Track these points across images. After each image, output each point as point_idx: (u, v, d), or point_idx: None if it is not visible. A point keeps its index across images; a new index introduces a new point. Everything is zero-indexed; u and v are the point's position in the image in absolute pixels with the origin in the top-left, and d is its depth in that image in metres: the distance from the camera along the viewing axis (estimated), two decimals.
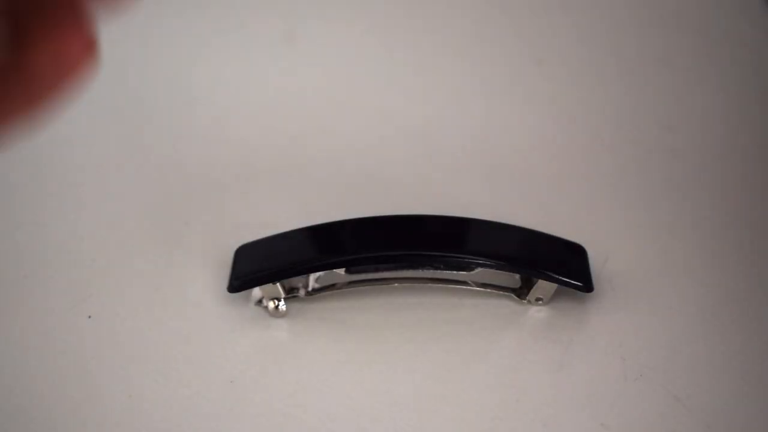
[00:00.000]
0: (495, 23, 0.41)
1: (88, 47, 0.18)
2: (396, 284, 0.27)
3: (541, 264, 0.26)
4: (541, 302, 0.27)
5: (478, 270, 0.26)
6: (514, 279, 0.28)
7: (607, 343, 0.27)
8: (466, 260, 0.26)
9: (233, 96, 0.36)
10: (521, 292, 0.28)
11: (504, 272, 0.27)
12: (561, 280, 0.26)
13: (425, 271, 0.27)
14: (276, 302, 0.27)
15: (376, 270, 0.27)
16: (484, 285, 0.28)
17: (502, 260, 0.26)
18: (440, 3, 0.43)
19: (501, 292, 0.28)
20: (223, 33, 0.40)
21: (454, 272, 0.27)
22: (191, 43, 0.39)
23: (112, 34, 0.23)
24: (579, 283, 0.26)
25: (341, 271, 0.27)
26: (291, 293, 0.28)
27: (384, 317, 0.28)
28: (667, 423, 0.24)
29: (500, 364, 0.26)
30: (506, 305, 0.28)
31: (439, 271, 0.27)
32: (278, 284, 0.27)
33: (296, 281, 0.28)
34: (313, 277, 0.28)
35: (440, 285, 0.27)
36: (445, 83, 0.38)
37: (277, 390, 0.25)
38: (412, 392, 0.25)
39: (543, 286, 0.27)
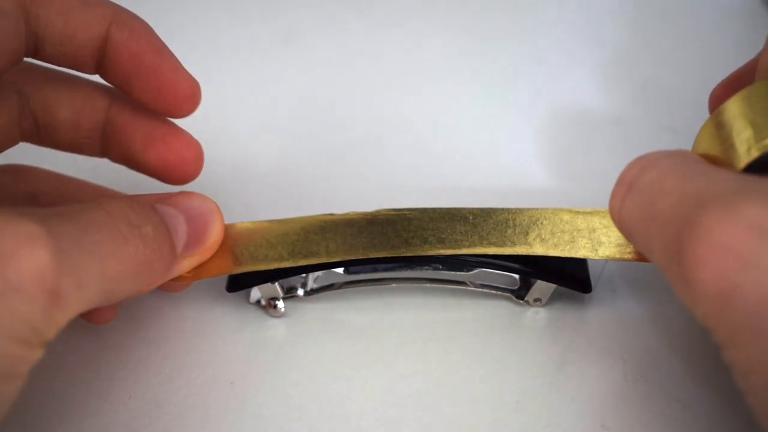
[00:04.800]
0: (495, 23, 0.41)
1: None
2: (394, 284, 0.27)
3: (539, 264, 0.26)
4: (539, 303, 0.27)
5: (477, 270, 0.26)
6: (513, 280, 0.28)
7: (608, 344, 0.26)
8: (464, 261, 0.26)
9: (233, 96, 0.36)
10: (520, 293, 0.28)
11: (503, 273, 0.27)
12: (559, 280, 0.26)
13: (424, 271, 0.27)
14: (274, 302, 0.27)
15: (375, 270, 0.27)
16: (482, 286, 0.27)
17: (500, 261, 0.26)
18: (440, 3, 0.43)
19: (500, 293, 0.28)
20: (223, 33, 0.40)
21: (453, 273, 0.27)
22: (191, 43, 0.39)
23: None
24: (577, 284, 0.26)
25: (340, 270, 0.27)
26: (289, 293, 0.27)
27: (383, 317, 0.27)
28: (667, 424, 0.24)
29: (500, 364, 0.26)
30: (505, 306, 0.28)
31: (437, 271, 0.27)
32: (276, 284, 0.27)
33: (295, 281, 0.28)
34: (311, 276, 0.28)
35: (439, 285, 0.27)
36: (444, 83, 0.38)
37: (277, 390, 0.25)
38: (413, 392, 0.25)
39: (541, 287, 0.27)
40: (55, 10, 0.21)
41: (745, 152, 0.20)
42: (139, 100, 0.24)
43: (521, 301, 0.27)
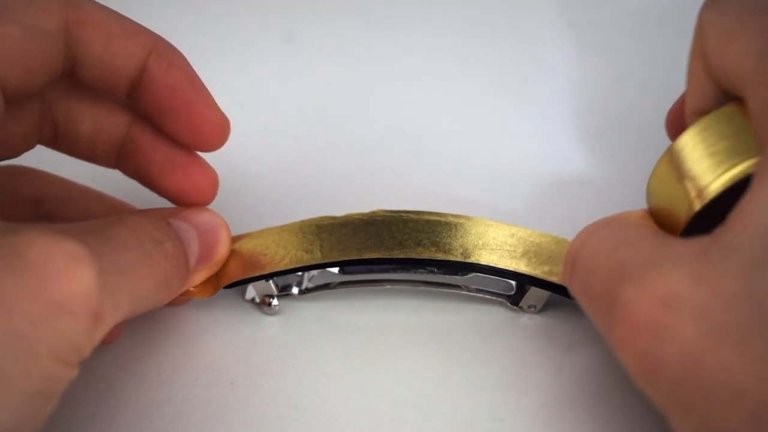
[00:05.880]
0: (495, 23, 0.41)
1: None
2: (388, 286, 0.27)
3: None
4: (533, 309, 0.27)
5: (472, 275, 0.26)
6: (509, 285, 0.28)
7: (608, 346, 0.26)
8: (458, 265, 0.26)
9: (233, 97, 0.35)
10: (515, 299, 0.28)
11: (498, 278, 0.27)
12: (553, 287, 0.26)
13: (418, 273, 0.27)
14: (269, 300, 0.27)
15: (370, 271, 0.27)
16: (478, 290, 0.27)
17: (491, 266, 0.26)
18: (440, 3, 0.42)
19: (495, 298, 0.28)
20: (223, 33, 0.40)
21: (447, 276, 0.27)
22: (191, 43, 0.39)
23: None
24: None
25: (335, 270, 0.27)
26: (284, 291, 0.28)
27: (380, 318, 0.28)
28: (666, 427, 0.24)
29: (498, 365, 0.26)
30: (500, 311, 0.28)
31: (432, 274, 0.27)
32: (271, 282, 0.27)
33: (290, 279, 0.28)
34: (306, 275, 0.28)
35: (433, 288, 0.27)
36: (444, 83, 0.38)
37: (277, 390, 0.25)
38: (412, 393, 0.25)
39: (535, 294, 0.27)
40: (96, 34, 0.21)
41: (695, 198, 0.19)
42: (168, 130, 0.24)
43: (516, 307, 0.27)
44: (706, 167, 0.19)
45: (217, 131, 0.24)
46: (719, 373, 0.16)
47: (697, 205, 0.19)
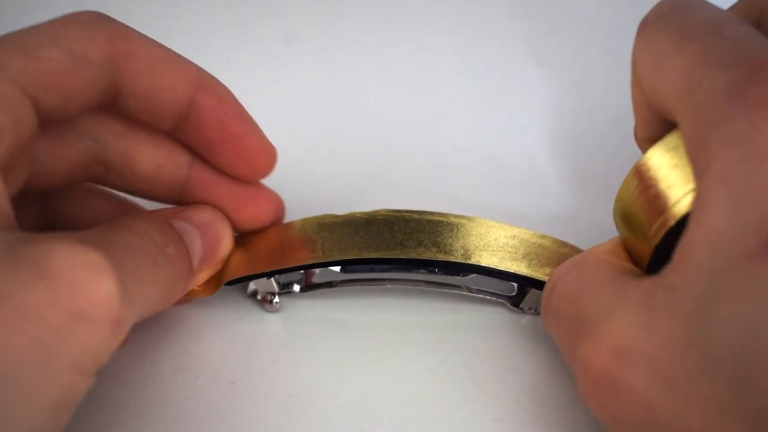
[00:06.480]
0: (495, 23, 0.41)
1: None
2: (389, 285, 0.27)
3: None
4: (533, 311, 0.27)
5: (472, 276, 0.26)
6: (510, 286, 0.28)
7: None
8: (459, 266, 0.26)
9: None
10: (516, 300, 0.27)
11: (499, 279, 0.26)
12: None
13: (419, 273, 0.27)
14: (270, 297, 0.27)
15: (371, 270, 0.27)
16: (479, 291, 0.27)
17: (492, 268, 0.26)
18: (440, 3, 0.42)
19: (495, 299, 0.28)
20: (223, 33, 0.40)
21: (448, 277, 0.27)
22: (191, 43, 0.39)
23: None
24: None
25: (336, 269, 0.27)
26: (285, 288, 0.28)
27: (381, 317, 0.28)
28: None
29: (499, 365, 0.26)
30: (500, 312, 0.28)
31: (432, 274, 0.27)
32: (272, 279, 0.27)
33: (291, 277, 0.28)
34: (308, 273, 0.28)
35: (434, 289, 0.27)
36: (444, 83, 0.37)
37: (277, 390, 0.25)
38: (411, 393, 0.25)
39: (536, 296, 0.26)
40: (143, 67, 0.21)
41: (658, 228, 0.19)
42: (216, 163, 0.24)
43: (516, 309, 0.27)
44: (663, 200, 0.19)
45: (267, 161, 0.24)
46: (672, 422, 0.16)
47: (654, 241, 0.19)
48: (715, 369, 0.15)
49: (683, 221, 0.18)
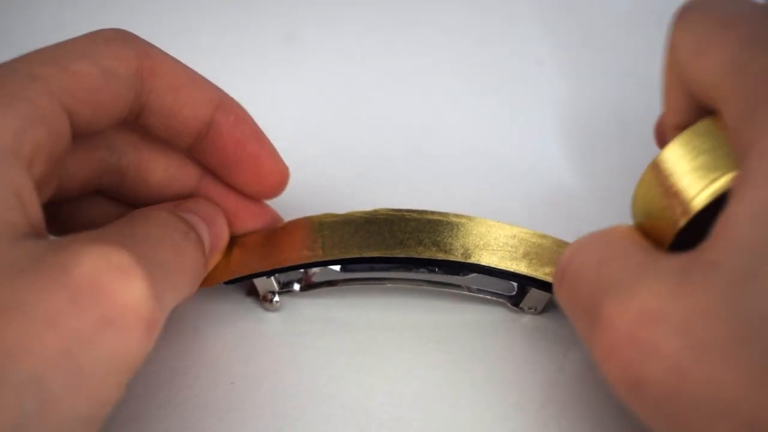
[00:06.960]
0: (495, 24, 0.41)
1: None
2: (389, 284, 0.27)
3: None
4: (534, 311, 0.27)
5: (472, 275, 0.26)
6: (510, 285, 0.28)
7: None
8: (458, 265, 0.26)
9: (234, 98, 0.35)
10: (516, 300, 0.27)
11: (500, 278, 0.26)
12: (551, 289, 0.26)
13: (419, 273, 0.27)
14: (270, 296, 0.27)
15: (371, 269, 0.27)
16: (479, 290, 0.27)
17: (492, 267, 0.26)
18: (440, 3, 0.42)
19: (495, 299, 0.27)
20: (224, 34, 0.40)
21: (448, 276, 0.27)
22: (191, 43, 0.39)
23: None
24: None
25: (336, 268, 0.27)
26: (285, 287, 0.28)
27: (381, 317, 0.28)
28: None
29: (499, 365, 0.26)
30: (500, 311, 0.28)
31: (433, 273, 0.27)
32: (272, 278, 0.27)
33: (291, 276, 0.28)
34: (308, 272, 0.28)
35: (434, 288, 0.27)
36: (444, 83, 0.37)
37: (277, 390, 0.25)
38: (411, 393, 0.25)
39: (536, 295, 0.26)
40: (167, 84, 0.22)
41: (681, 214, 0.19)
42: (230, 181, 0.25)
43: (516, 308, 0.27)
44: (689, 183, 0.19)
45: (279, 181, 0.25)
46: (705, 387, 0.16)
47: (682, 222, 0.19)
48: (754, 339, 0.15)
49: (712, 205, 0.18)
